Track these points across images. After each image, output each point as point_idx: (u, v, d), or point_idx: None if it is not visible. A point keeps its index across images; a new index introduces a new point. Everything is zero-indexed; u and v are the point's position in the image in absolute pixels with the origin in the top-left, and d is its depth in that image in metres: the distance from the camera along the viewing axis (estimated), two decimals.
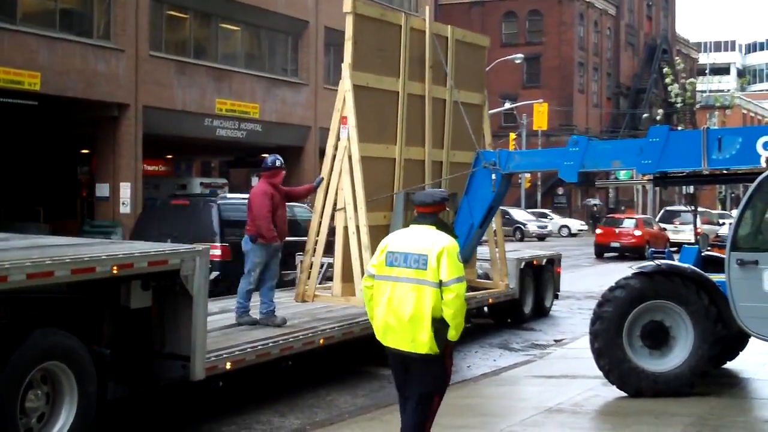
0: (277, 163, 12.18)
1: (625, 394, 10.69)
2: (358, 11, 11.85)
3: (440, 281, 6.81)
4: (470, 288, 13.40)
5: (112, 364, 8.61)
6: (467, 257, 13.21)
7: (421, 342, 6.84)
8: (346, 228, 11.91)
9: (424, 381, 7.01)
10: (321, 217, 12.34)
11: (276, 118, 37.07)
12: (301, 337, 11.38)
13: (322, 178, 12.27)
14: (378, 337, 7.15)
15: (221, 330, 11.36)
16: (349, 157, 11.87)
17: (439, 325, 6.84)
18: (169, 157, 42.74)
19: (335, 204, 12.18)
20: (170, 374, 9.34)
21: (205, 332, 9.35)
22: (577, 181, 12.11)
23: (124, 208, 30.67)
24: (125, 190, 30.64)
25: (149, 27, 31.57)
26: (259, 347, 10.60)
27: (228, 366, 9.86)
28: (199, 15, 35.18)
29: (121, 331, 8.97)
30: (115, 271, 8.19)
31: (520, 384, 12.26)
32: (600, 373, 10.95)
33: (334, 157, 12.15)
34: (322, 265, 14.04)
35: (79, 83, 28.78)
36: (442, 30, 13.27)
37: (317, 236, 12.40)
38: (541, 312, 19.00)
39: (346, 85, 11.87)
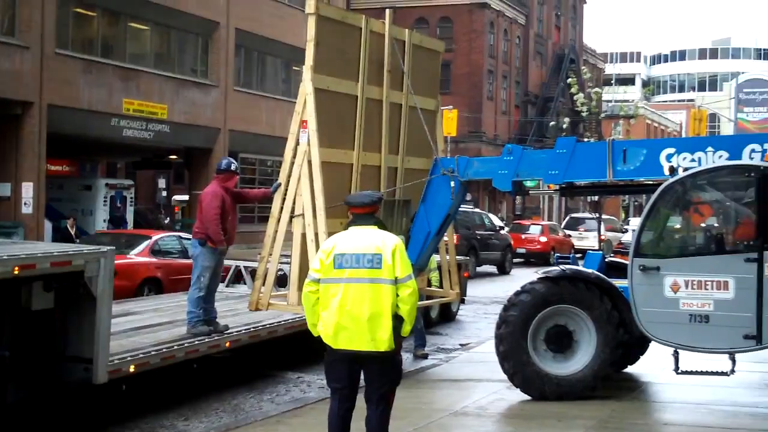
0: (232, 167, 11.87)
1: (529, 398, 10.83)
2: (321, 13, 11.60)
3: (395, 278, 6.97)
4: (423, 296, 13.37)
5: (12, 367, 8.44)
6: (423, 265, 13.13)
7: (381, 340, 6.97)
8: (303, 235, 11.49)
9: (384, 379, 7.19)
10: (277, 223, 11.92)
11: (184, 120, 36.57)
12: (206, 339, 11.29)
13: (280, 184, 11.83)
14: (327, 340, 7.11)
15: (126, 332, 11.20)
16: (309, 162, 11.47)
17: (396, 322, 7.00)
18: (74, 157, 41.94)
19: (293, 210, 11.75)
20: (72, 377, 9.20)
21: (109, 334, 9.22)
22: (511, 190, 12.09)
23: (26, 209, 29.93)
24: (27, 190, 29.90)
25: (56, 24, 30.86)
26: (164, 350, 10.50)
27: (132, 369, 9.74)
28: (107, 13, 34.56)
29: (21, 333, 8.80)
30: (16, 272, 8.03)
31: (426, 388, 12.31)
32: (505, 377, 11.07)
33: (293, 161, 11.84)
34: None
35: None
36: (400, 34, 13.07)
37: (273, 243, 11.91)
38: (448, 317, 19.16)
39: (307, 88, 11.48)
